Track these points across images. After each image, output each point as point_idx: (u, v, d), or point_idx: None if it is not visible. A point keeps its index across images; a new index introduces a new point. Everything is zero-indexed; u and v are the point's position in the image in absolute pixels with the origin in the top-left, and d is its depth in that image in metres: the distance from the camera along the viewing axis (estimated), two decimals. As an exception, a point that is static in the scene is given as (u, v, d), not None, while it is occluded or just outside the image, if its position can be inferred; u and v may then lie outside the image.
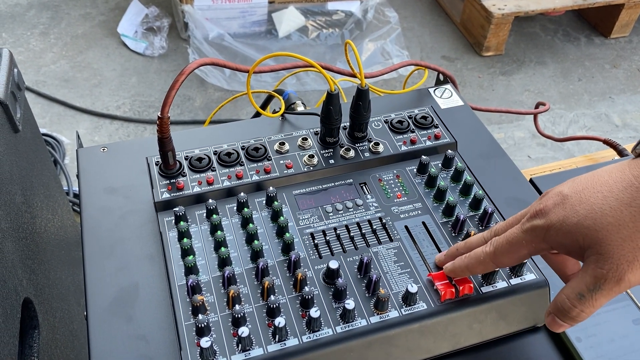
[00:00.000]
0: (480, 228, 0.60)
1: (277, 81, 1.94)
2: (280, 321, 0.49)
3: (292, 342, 0.50)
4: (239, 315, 0.50)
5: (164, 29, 2.31)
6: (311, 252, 0.57)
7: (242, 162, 0.65)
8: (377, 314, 0.52)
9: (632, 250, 0.42)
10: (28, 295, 0.71)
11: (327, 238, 0.59)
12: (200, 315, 0.50)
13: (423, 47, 2.40)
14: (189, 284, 0.52)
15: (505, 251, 0.49)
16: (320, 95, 2.02)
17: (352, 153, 0.66)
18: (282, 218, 0.58)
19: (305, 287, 0.53)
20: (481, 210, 0.61)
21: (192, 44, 2.12)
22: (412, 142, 0.68)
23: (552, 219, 0.45)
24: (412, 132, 0.70)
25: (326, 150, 0.67)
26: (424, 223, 0.60)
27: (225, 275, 0.53)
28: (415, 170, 0.66)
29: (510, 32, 2.37)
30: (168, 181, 0.62)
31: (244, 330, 0.49)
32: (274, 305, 0.51)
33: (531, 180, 0.73)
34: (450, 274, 0.54)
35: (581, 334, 0.56)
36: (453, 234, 0.59)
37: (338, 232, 0.59)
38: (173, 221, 0.59)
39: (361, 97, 0.65)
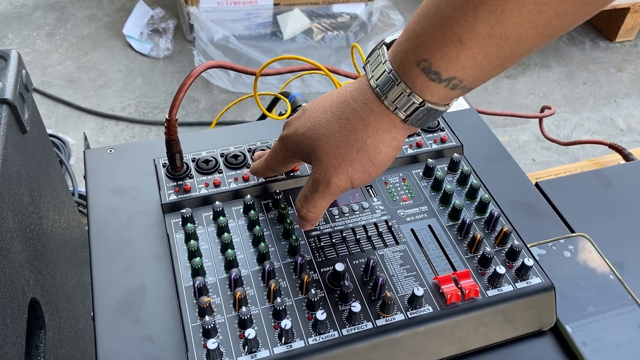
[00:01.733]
0: (487, 232, 0.60)
1: (282, 83, 1.94)
2: (286, 323, 0.49)
3: (298, 344, 0.50)
4: (246, 317, 0.50)
5: (169, 31, 2.32)
6: (317, 254, 0.58)
7: (249, 164, 0.65)
8: (383, 317, 0.52)
9: (338, 158, 0.49)
10: (35, 295, 0.71)
11: (333, 241, 0.59)
12: (206, 316, 0.50)
13: (428, 49, 2.40)
14: (195, 285, 0.52)
15: (269, 156, 0.58)
16: (325, 98, 2.02)
17: (358, 156, 0.66)
18: (288, 220, 0.59)
19: (312, 290, 0.53)
20: (487, 214, 0.61)
21: (197, 45, 2.12)
22: (418, 146, 0.68)
23: (290, 130, 0.53)
24: (418, 135, 0.70)
25: (332, 153, 0.67)
26: (430, 226, 0.60)
27: (232, 277, 0.53)
28: (421, 173, 0.66)
29: (515, 36, 2.36)
30: (175, 183, 0.62)
31: (250, 332, 0.49)
32: (280, 308, 0.51)
33: (537, 184, 0.73)
34: (251, 171, 0.63)
35: (587, 338, 0.56)
36: (459, 238, 0.59)
37: (344, 234, 0.59)
38: (180, 223, 0.59)
39: (368, 100, 0.65)
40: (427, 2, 0.44)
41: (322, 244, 0.58)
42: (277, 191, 0.61)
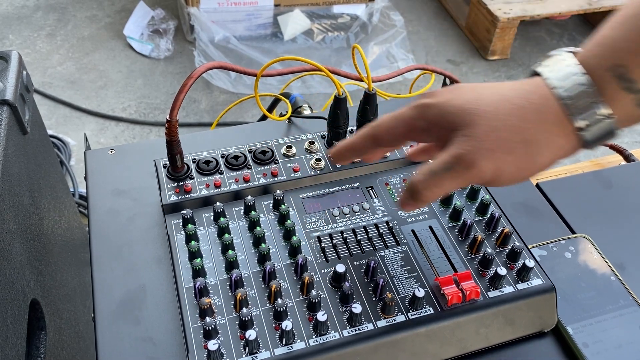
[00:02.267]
0: (487, 233, 0.60)
1: (282, 84, 1.95)
2: (287, 324, 0.49)
3: (299, 345, 0.50)
4: (246, 318, 0.50)
5: (170, 32, 2.32)
6: (318, 255, 0.58)
7: (249, 165, 0.65)
8: (384, 318, 0.52)
9: (496, 141, 0.43)
10: (35, 296, 0.71)
11: (334, 242, 0.59)
12: (207, 318, 0.50)
13: (428, 50, 2.40)
14: (196, 286, 0.52)
15: (385, 124, 0.49)
16: (326, 98, 2.03)
17: (359, 157, 0.66)
18: (289, 221, 0.59)
19: (312, 291, 0.53)
20: (488, 215, 0.61)
21: (197, 46, 2.13)
22: (419, 147, 0.68)
23: (439, 99, 0.46)
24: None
25: (333, 154, 0.67)
26: (430, 227, 0.60)
27: (233, 278, 0.53)
28: (422, 174, 0.66)
29: (516, 36, 2.37)
30: (176, 184, 0.62)
31: (251, 333, 0.49)
32: (281, 309, 0.51)
33: (537, 185, 0.73)
34: (331, 154, 0.54)
35: (588, 339, 0.56)
36: (460, 239, 0.59)
37: (345, 235, 0.59)
38: (181, 224, 0.59)
39: (368, 101, 0.65)
40: (627, 11, 0.42)
41: (322, 245, 0.58)
42: (278, 192, 0.61)
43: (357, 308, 0.51)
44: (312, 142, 0.68)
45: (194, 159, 0.65)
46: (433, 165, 0.45)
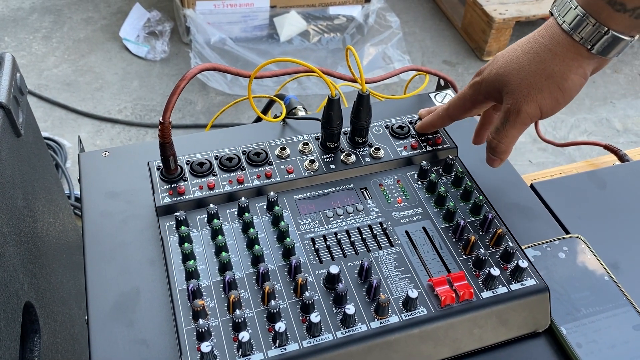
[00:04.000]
0: (481, 233, 0.60)
1: (278, 85, 1.95)
2: (280, 326, 0.49)
3: (292, 347, 0.50)
4: (240, 320, 0.50)
5: (165, 33, 2.32)
6: (312, 257, 0.57)
7: (243, 167, 0.65)
8: (378, 319, 0.52)
9: (527, 87, 0.56)
10: (29, 299, 0.71)
11: (328, 243, 0.59)
12: (200, 319, 0.50)
13: (424, 51, 2.40)
14: (189, 288, 0.52)
15: (454, 104, 0.65)
16: (322, 100, 2.03)
17: (352, 158, 0.66)
18: (282, 223, 0.58)
19: (306, 292, 0.53)
20: (481, 216, 0.61)
21: (193, 48, 2.12)
22: (413, 148, 0.69)
23: (484, 74, 0.61)
24: (413, 137, 0.70)
25: (327, 155, 0.67)
26: (424, 228, 0.60)
27: (226, 280, 0.53)
28: (415, 175, 0.66)
29: (512, 37, 2.37)
30: (169, 186, 0.62)
31: (244, 335, 0.49)
32: (275, 310, 0.51)
33: (532, 186, 0.73)
34: (419, 129, 0.70)
35: (582, 339, 0.56)
36: (453, 239, 0.59)
37: (339, 237, 0.59)
38: (174, 226, 0.59)
39: (362, 102, 0.65)
40: None
41: (316, 246, 0.58)
42: (272, 193, 0.61)
43: (350, 309, 0.51)
44: (306, 144, 0.68)
45: (188, 160, 0.65)
46: (495, 124, 0.60)
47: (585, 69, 0.55)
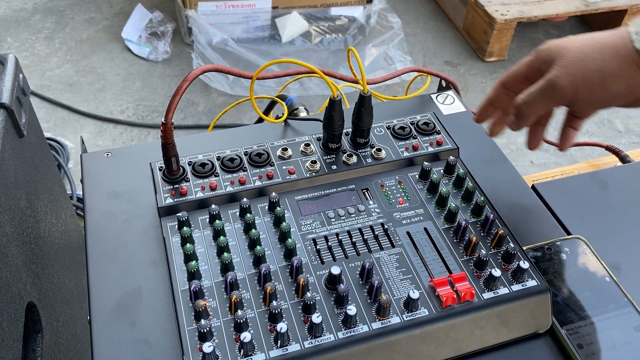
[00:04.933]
0: (482, 234, 0.60)
1: (280, 86, 1.95)
2: (282, 326, 0.50)
3: (294, 347, 0.50)
4: (241, 321, 0.50)
5: (167, 34, 2.32)
6: (313, 257, 0.58)
7: (245, 167, 0.65)
8: (379, 320, 0.52)
9: (576, 67, 0.56)
10: (32, 299, 0.71)
11: (329, 244, 0.59)
12: (202, 320, 0.50)
13: (426, 52, 2.40)
14: (191, 289, 0.52)
15: (509, 71, 0.65)
16: (324, 100, 2.03)
17: (354, 159, 0.67)
18: (284, 223, 0.59)
19: (307, 293, 0.53)
20: (483, 217, 0.61)
21: (195, 48, 2.13)
22: (414, 148, 0.69)
23: (550, 43, 0.60)
24: (414, 138, 0.70)
25: (328, 156, 0.67)
26: (425, 229, 0.61)
27: (228, 280, 0.53)
28: (417, 176, 0.66)
29: (513, 38, 2.37)
30: (171, 186, 0.62)
31: (246, 336, 0.49)
32: (276, 311, 0.51)
33: (533, 187, 0.73)
34: (477, 116, 0.71)
35: (582, 340, 0.56)
36: (455, 240, 0.59)
37: (340, 237, 0.59)
38: (176, 226, 0.59)
39: (363, 103, 0.66)
40: None
41: (318, 247, 0.58)
42: (274, 194, 0.61)
43: (352, 310, 0.51)
44: (307, 145, 0.68)
45: (190, 161, 0.65)
46: (531, 88, 0.60)
47: (636, 84, 0.55)
